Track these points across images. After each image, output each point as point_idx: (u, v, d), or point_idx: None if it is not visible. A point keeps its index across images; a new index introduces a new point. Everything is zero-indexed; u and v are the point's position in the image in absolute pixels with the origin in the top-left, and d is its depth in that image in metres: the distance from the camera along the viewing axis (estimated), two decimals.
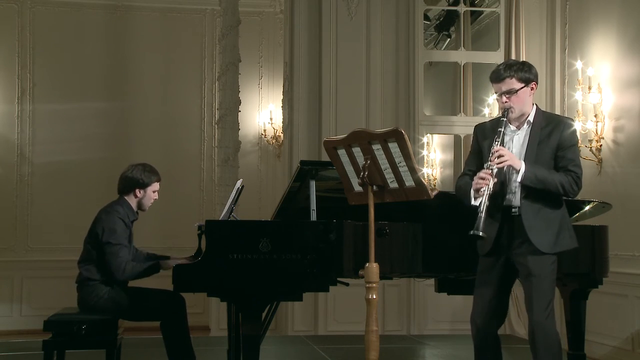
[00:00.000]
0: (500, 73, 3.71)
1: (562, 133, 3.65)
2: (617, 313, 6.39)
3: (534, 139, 3.68)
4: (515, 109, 3.69)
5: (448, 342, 7.32)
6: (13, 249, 9.35)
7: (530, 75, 3.71)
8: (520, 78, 3.68)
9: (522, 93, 3.68)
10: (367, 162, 3.39)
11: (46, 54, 9.55)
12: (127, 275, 4.39)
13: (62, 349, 4.34)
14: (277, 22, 9.84)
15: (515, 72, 3.68)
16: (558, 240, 3.65)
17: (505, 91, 3.68)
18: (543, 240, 3.61)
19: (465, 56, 8.41)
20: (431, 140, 9.83)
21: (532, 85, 3.72)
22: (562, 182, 3.59)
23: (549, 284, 3.63)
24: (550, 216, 3.64)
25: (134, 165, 4.62)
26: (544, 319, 3.57)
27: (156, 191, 4.66)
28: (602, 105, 6.65)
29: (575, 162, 3.65)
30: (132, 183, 4.55)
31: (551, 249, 3.62)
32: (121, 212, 4.48)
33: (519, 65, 3.73)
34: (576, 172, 3.62)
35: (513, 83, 3.68)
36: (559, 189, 3.60)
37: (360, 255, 3.77)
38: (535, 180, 3.58)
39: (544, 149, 3.65)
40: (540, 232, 3.61)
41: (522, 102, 3.69)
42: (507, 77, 3.68)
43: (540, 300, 3.59)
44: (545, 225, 3.62)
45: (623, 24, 6.54)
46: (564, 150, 3.64)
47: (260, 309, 3.87)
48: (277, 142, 9.80)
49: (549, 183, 3.59)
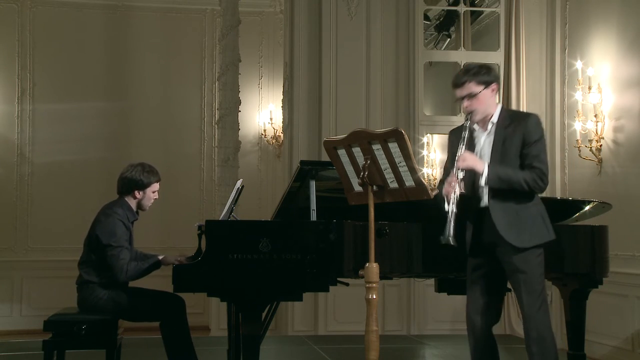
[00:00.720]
0: (459, 78, 3.76)
1: (526, 129, 3.68)
2: (617, 313, 6.39)
3: (498, 139, 3.73)
4: (478, 112, 3.73)
5: (448, 342, 7.32)
6: (13, 249, 9.36)
7: (489, 77, 3.75)
8: (479, 81, 3.72)
9: (483, 96, 3.72)
10: (367, 162, 3.39)
11: (46, 54, 9.55)
12: (130, 276, 4.37)
13: (62, 349, 4.34)
14: (277, 22, 9.84)
15: (473, 76, 3.72)
16: (533, 234, 3.67)
17: (465, 95, 3.73)
18: (515, 236, 3.64)
19: (465, 56, 8.41)
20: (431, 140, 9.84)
21: (493, 87, 3.76)
22: (525, 179, 3.63)
23: (536, 277, 3.66)
24: (520, 213, 3.68)
25: (133, 166, 4.56)
26: (535, 311, 3.61)
27: (156, 191, 4.61)
28: (602, 105, 6.65)
29: (539, 158, 3.67)
30: (131, 184, 4.50)
31: (527, 243, 3.65)
32: (120, 213, 4.44)
33: (477, 69, 3.77)
34: (540, 168, 3.65)
35: (472, 87, 3.72)
36: (524, 186, 3.63)
37: (360, 255, 3.78)
38: (499, 180, 3.63)
39: (509, 147, 3.69)
40: (510, 229, 3.65)
41: (484, 104, 3.73)
42: (465, 82, 3.73)
43: (530, 295, 3.63)
44: (515, 222, 3.66)
45: (623, 24, 6.54)
46: (528, 147, 3.67)
47: (260, 309, 3.87)
48: (277, 142, 9.80)
49: (513, 182, 3.63)
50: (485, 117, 3.77)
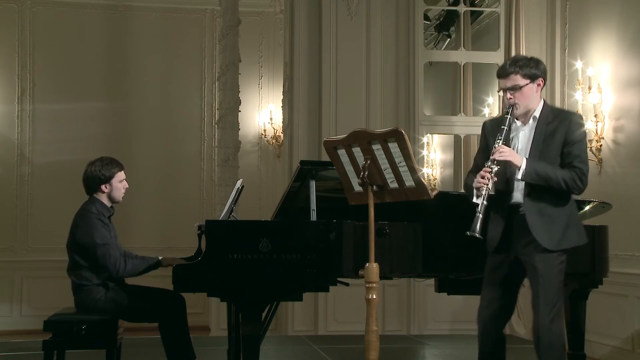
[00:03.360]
0: (506, 68, 3.67)
1: (569, 128, 3.59)
2: (617, 313, 6.39)
3: (539, 135, 3.64)
4: (520, 106, 3.64)
5: (448, 342, 7.32)
6: (13, 249, 9.36)
7: (537, 71, 3.66)
8: (525, 74, 3.63)
9: (528, 89, 3.63)
10: (367, 162, 3.39)
11: (46, 54, 9.55)
12: (128, 270, 4.36)
13: (62, 349, 4.34)
14: (277, 22, 9.84)
15: (520, 68, 3.63)
16: (564, 237, 3.60)
17: (509, 87, 3.64)
18: (547, 237, 3.56)
19: (465, 56, 8.41)
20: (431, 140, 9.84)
21: (539, 82, 3.67)
22: (564, 178, 3.54)
23: (556, 284, 3.58)
24: (555, 213, 3.59)
25: (92, 162, 4.54)
26: (548, 322, 3.53)
27: (123, 180, 4.55)
28: (602, 105, 6.65)
29: (580, 158, 3.59)
30: (95, 180, 4.49)
31: (557, 246, 3.57)
32: (94, 211, 4.43)
33: (525, 60, 3.67)
34: (581, 169, 3.57)
35: (518, 79, 3.63)
36: (562, 185, 3.55)
37: (360, 255, 3.77)
38: (536, 176, 3.54)
39: (549, 145, 3.60)
40: (544, 230, 3.56)
41: (528, 99, 3.64)
42: (512, 73, 3.64)
43: (547, 303, 3.54)
44: (549, 222, 3.58)
45: (623, 24, 6.54)
46: (570, 146, 3.58)
47: (260, 309, 3.87)
48: (277, 142, 9.80)
49: (550, 179, 3.54)
50: (527, 112, 3.68)
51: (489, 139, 3.77)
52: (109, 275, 4.42)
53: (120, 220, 4.66)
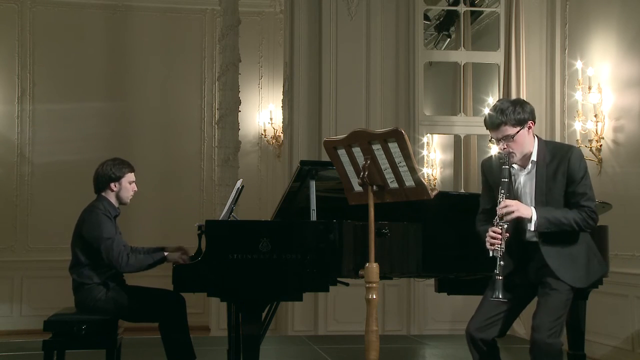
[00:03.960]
0: (494, 121, 3.57)
1: (569, 167, 3.54)
2: (617, 313, 6.39)
3: (540, 179, 3.59)
4: (516, 153, 3.59)
5: (448, 342, 7.31)
6: (13, 249, 9.36)
7: (525, 114, 3.57)
8: (514, 123, 3.55)
9: (520, 136, 3.56)
10: (367, 162, 3.39)
11: (46, 54, 9.55)
12: (131, 264, 4.34)
13: (62, 349, 4.34)
14: (277, 22, 9.85)
15: (507, 117, 3.54)
16: (589, 272, 3.60)
17: (501, 138, 3.58)
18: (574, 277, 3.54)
19: (465, 56, 8.41)
20: (431, 140, 9.84)
21: (529, 125, 3.59)
22: (576, 220, 3.51)
23: (565, 301, 3.54)
24: (573, 251, 3.57)
25: (104, 162, 4.60)
26: (546, 337, 3.47)
27: (132, 182, 4.60)
28: (602, 105, 6.65)
29: (587, 196, 3.55)
30: (105, 179, 4.53)
31: (585, 283, 3.60)
32: (102, 208, 4.47)
33: (511, 108, 3.56)
34: (590, 207, 3.53)
35: (508, 129, 3.54)
36: (575, 227, 3.52)
37: (360, 255, 3.77)
38: (549, 224, 3.50)
39: (552, 188, 3.56)
40: (568, 270, 3.54)
41: (521, 145, 3.58)
42: (501, 124, 3.55)
43: (551, 316, 3.49)
44: (570, 261, 3.56)
45: (623, 24, 6.54)
46: (574, 185, 3.54)
47: (260, 309, 3.87)
48: (277, 142, 9.80)
49: (563, 224, 3.50)
50: (523, 156, 3.62)
51: (489, 179, 3.74)
52: (111, 275, 4.43)
53: (120, 220, 4.66)
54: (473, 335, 3.63)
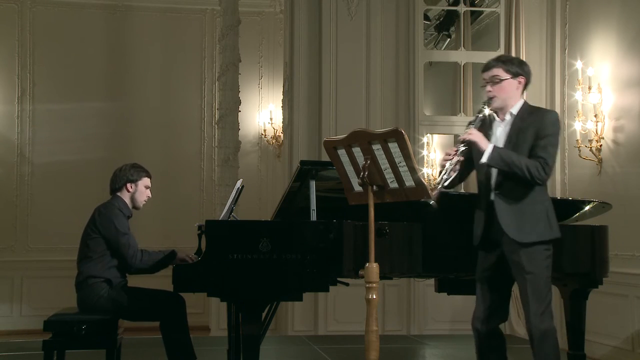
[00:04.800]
0: (490, 62, 3.74)
1: (541, 124, 3.62)
2: (617, 313, 6.39)
3: (513, 130, 3.68)
4: (498, 99, 3.68)
5: (448, 342, 7.32)
6: (13, 249, 9.36)
7: (520, 69, 3.71)
8: (507, 69, 3.68)
9: (507, 84, 3.68)
10: (367, 162, 3.39)
11: (46, 54, 9.55)
12: (144, 261, 4.42)
13: (62, 349, 4.34)
14: (277, 22, 9.84)
15: (503, 63, 3.70)
16: (534, 231, 3.61)
17: (490, 77, 3.69)
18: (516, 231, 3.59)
19: (465, 56, 8.41)
20: (431, 140, 9.84)
21: (520, 79, 3.71)
22: (528, 165, 3.56)
23: (544, 279, 3.61)
24: (524, 208, 3.62)
25: (123, 165, 4.69)
26: (539, 322, 3.56)
27: (148, 187, 4.68)
28: (602, 105, 6.65)
29: (547, 150, 3.60)
30: (122, 179, 4.60)
31: (526, 239, 3.59)
32: (116, 205, 4.54)
33: (510, 58, 3.76)
34: (545, 158, 3.58)
35: (499, 72, 3.68)
36: (525, 173, 3.56)
37: (360, 255, 3.78)
38: (500, 161, 3.58)
39: (522, 139, 3.64)
40: (513, 224, 3.61)
41: (506, 93, 3.68)
42: (494, 67, 3.70)
43: (537, 301, 3.58)
44: (518, 216, 3.61)
45: (623, 24, 6.54)
46: (539, 139, 3.61)
47: (260, 309, 3.87)
48: (277, 142, 9.81)
49: (514, 165, 3.56)
50: (504, 108, 3.71)
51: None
52: (118, 271, 4.46)
53: None
54: (479, 328, 3.74)
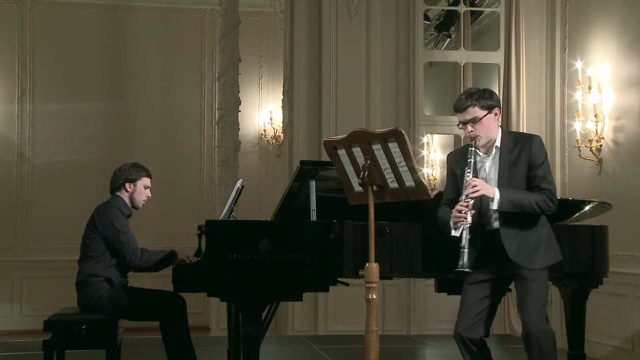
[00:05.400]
0: (462, 103, 3.75)
1: (531, 152, 3.68)
2: (617, 313, 6.39)
3: (504, 164, 3.73)
4: (482, 137, 3.73)
5: (448, 342, 7.29)
6: (13, 249, 9.36)
7: (492, 102, 3.75)
8: (482, 106, 3.72)
9: (486, 120, 3.72)
10: (367, 162, 3.39)
11: (46, 54, 9.55)
12: (144, 260, 4.43)
13: (62, 349, 4.33)
14: (277, 22, 9.85)
15: (476, 101, 3.72)
16: (543, 257, 3.70)
17: (469, 120, 3.72)
18: (527, 260, 3.66)
19: (465, 56, 8.41)
20: (431, 140, 9.83)
21: (495, 111, 3.76)
22: (537, 201, 3.64)
23: (543, 286, 3.69)
24: (529, 237, 3.69)
25: (123, 164, 4.70)
26: (539, 324, 3.59)
27: (148, 187, 4.68)
28: (602, 105, 6.65)
29: (547, 180, 3.68)
30: (121, 179, 4.61)
31: (538, 265, 3.68)
32: (116, 205, 4.55)
33: (479, 93, 3.76)
34: (549, 190, 3.67)
35: (476, 111, 3.72)
36: (535, 209, 3.65)
37: (360, 255, 3.78)
38: (511, 204, 3.63)
39: (515, 172, 3.70)
40: (521, 254, 3.66)
41: (488, 129, 3.73)
42: (469, 107, 3.72)
43: (535, 303, 3.62)
44: (525, 246, 3.67)
45: (623, 24, 6.54)
46: (535, 169, 3.68)
47: (260, 309, 3.87)
48: (277, 142, 9.81)
49: (525, 205, 3.63)
50: (488, 142, 3.76)
51: (455, 171, 3.84)
52: (119, 271, 4.46)
53: None
54: (462, 335, 3.75)
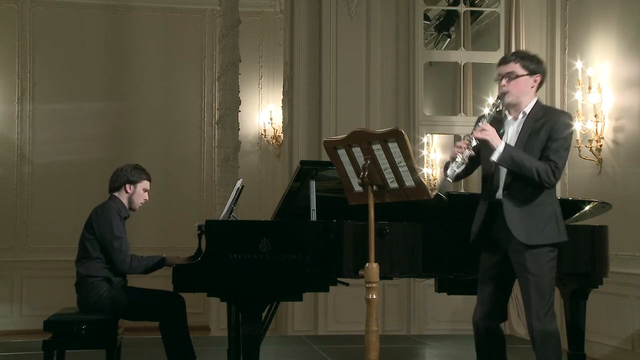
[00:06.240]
0: (507, 57, 3.73)
1: (554, 126, 3.60)
2: (617, 313, 6.39)
3: (525, 130, 3.66)
4: (512, 94, 3.66)
5: (448, 342, 7.31)
6: (13, 249, 9.36)
7: (537, 67, 3.68)
8: (524, 65, 3.66)
9: (523, 81, 3.66)
10: (367, 162, 3.39)
11: (46, 54, 9.55)
12: (134, 266, 4.43)
13: (62, 349, 4.33)
14: (277, 22, 9.84)
15: (521, 59, 3.67)
16: (542, 233, 3.59)
17: (506, 73, 3.67)
18: (523, 233, 3.57)
19: (465, 56, 8.41)
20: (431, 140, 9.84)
21: (536, 78, 3.69)
22: (538, 168, 3.54)
23: (548, 281, 3.60)
24: (533, 210, 3.60)
25: (124, 165, 4.71)
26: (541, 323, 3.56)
27: (147, 190, 4.70)
28: (602, 105, 6.65)
29: (558, 153, 3.58)
30: (122, 179, 4.62)
31: (534, 241, 3.57)
32: (114, 207, 4.55)
33: (529, 55, 3.72)
34: (556, 162, 3.57)
35: (516, 68, 3.66)
36: (534, 175, 3.55)
37: (360, 255, 3.77)
38: (511, 161, 3.56)
39: (533, 140, 3.62)
40: (520, 225, 3.58)
41: (520, 90, 3.66)
42: (511, 61, 3.68)
43: (540, 302, 3.57)
44: (526, 218, 3.59)
45: (623, 24, 6.54)
46: (551, 141, 3.59)
47: (260, 309, 3.87)
48: (277, 142, 9.81)
49: (524, 167, 3.54)
50: (517, 105, 3.69)
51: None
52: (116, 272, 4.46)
53: None
54: (479, 323, 3.74)
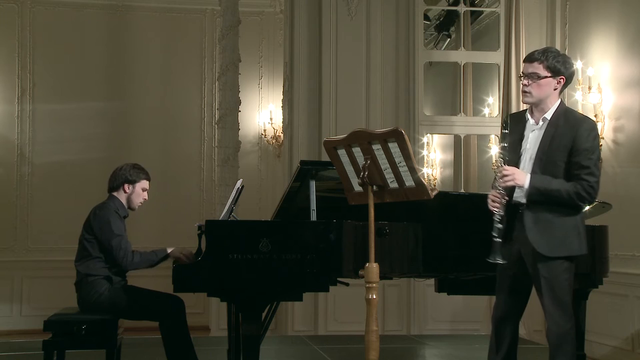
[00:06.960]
0: (534, 54, 3.56)
1: (577, 135, 3.46)
2: (617, 313, 6.39)
3: (546, 139, 3.53)
4: (532, 95, 3.54)
5: (448, 342, 7.31)
6: (13, 249, 9.36)
7: (563, 68, 3.53)
8: (548, 66, 3.51)
9: (545, 82, 3.52)
10: (367, 162, 3.39)
11: (46, 54, 9.55)
12: (136, 262, 4.41)
13: (62, 349, 4.34)
14: (277, 22, 9.84)
15: (546, 59, 3.51)
16: (562, 244, 3.50)
17: (528, 73, 3.54)
18: (543, 244, 3.50)
19: (465, 56, 8.41)
20: (431, 140, 9.84)
21: (560, 79, 3.54)
22: (569, 191, 3.44)
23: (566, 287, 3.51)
24: (554, 221, 3.50)
25: (123, 164, 4.70)
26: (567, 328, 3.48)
27: (145, 190, 4.69)
28: (602, 105, 6.65)
29: (589, 170, 3.45)
30: (120, 179, 4.62)
31: (551, 252, 3.50)
32: (112, 207, 4.55)
33: (555, 54, 3.55)
34: (588, 181, 3.44)
35: (539, 69, 3.52)
36: (565, 198, 3.46)
37: (360, 255, 3.77)
38: (539, 195, 3.47)
39: (555, 150, 3.49)
40: (540, 236, 3.51)
41: (542, 92, 3.53)
42: (536, 61, 3.52)
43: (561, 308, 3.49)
44: (547, 229, 3.51)
45: (623, 24, 6.54)
46: (577, 155, 3.46)
47: (260, 309, 3.87)
48: (277, 142, 9.81)
49: (555, 197, 3.46)
50: (538, 106, 3.57)
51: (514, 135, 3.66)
52: (116, 270, 4.46)
53: None
54: (497, 323, 3.69)
